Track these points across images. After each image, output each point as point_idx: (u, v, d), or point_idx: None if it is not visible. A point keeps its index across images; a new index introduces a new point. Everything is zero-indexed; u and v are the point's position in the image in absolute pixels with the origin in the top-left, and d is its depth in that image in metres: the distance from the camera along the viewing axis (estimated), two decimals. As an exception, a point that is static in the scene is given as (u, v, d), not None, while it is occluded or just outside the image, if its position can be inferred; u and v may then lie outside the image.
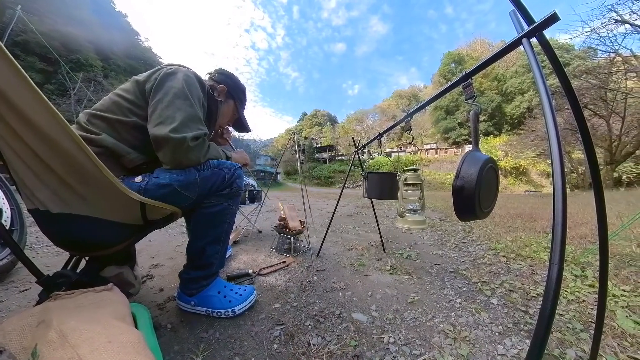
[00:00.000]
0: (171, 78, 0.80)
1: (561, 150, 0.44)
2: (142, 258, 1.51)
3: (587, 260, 1.50)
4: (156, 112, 0.74)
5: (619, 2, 9.07)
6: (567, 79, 0.57)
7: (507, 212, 3.97)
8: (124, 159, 0.76)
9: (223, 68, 1.11)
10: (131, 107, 0.78)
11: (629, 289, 1.12)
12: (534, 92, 28.98)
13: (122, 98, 0.79)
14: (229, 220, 0.93)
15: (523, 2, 0.54)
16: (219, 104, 1.02)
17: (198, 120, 0.79)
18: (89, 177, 0.60)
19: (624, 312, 0.93)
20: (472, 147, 0.78)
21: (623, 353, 0.74)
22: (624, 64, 10.97)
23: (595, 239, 1.01)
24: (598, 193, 0.63)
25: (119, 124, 0.76)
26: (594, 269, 1.36)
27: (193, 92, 0.81)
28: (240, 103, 1.14)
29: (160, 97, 0.76)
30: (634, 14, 9.10)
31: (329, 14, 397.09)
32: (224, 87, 1.05)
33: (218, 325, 0.85)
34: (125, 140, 0.76)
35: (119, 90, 0.82)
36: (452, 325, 0.87)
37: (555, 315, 0.40)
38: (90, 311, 0.53)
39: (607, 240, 0.64)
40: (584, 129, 0.60)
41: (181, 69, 0.84)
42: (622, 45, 10.04)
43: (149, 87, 0.79)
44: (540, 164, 26.35)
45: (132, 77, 0.84)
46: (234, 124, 1.23)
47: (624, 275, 1.27)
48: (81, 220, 0.66)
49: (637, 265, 1.40)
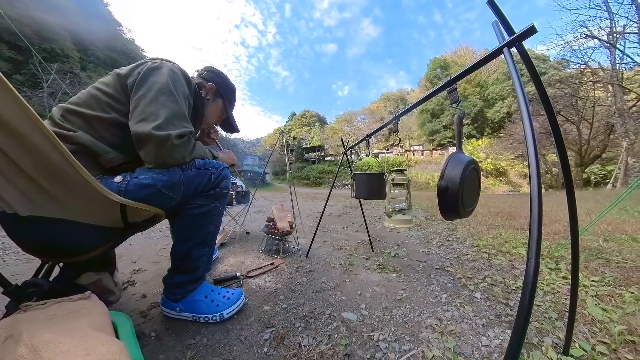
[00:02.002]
0: (155, 73, 0.76)
1: (537, 153, 0.47)
2: (123, 263, 1.44)
3: (561, 254, 1.60)
4: (138, 108, 0.71)
5: (590, 19, 10.25)
6: (543, 87, 0.62)
7: (489, 210, 4.15)
8: (102, 158, 0.71)
9: (212, 66, 1.07)
10: (111, 103, 0.74)
11: (597, 279, 1.21)
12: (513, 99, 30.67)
13: (101, 92, 0.74)
14: (215, 221, 0.91)
15: (505, 14, 0.57)
16: (205, 102, 0.99)
17: (183, 118, 0.76)
18: (63, 177, 0.56)
19: (593, 301, 1.01)
20: (455, 149, 0.82)
21: (593, 338, 0.79)
22: (593, 75, 12.07)
23: (568, 235, 1.09)
24: (570, 192, 0.68)
25: (97, 120, 0.71)
26: (567, 262, 1.45)
27: (178, 88, 0.78)
28: (229, 102, 1.11)
29: (143, 92, 0.72)
30: (602, 30, 10.16)
31: (321, 14, 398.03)
32: (212, 85, 1.02)
33: (206, 331, 0.82)
34: (103, 138, 0.72)
35: (99, 83, 0.77)
36: (438, 320, 0.90)
37: (533, 306, 0.42)
38: (65, 322, 0.50)
39: (577, 235, 0.69)
40: (558, 134, 0.65)
41: (166, 64, 0.81)
42: (591, 58, 11.27)
43: (131, 81, 0.75)
44: (518, 166, 27.96)
45: (114, 70, 0.79)
46: (222, 124, 1.20)
47: (593, 267, 1.37)
48: (54, 223, 0.61)
49: (604, 258, 1.51)
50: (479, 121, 40.77)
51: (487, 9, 0.58)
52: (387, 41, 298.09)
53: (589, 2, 10.14)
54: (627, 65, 10.42)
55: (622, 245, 1.74)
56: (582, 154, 14.92)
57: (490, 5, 0.58)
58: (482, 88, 41.93)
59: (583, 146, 14.75)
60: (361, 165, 32.60)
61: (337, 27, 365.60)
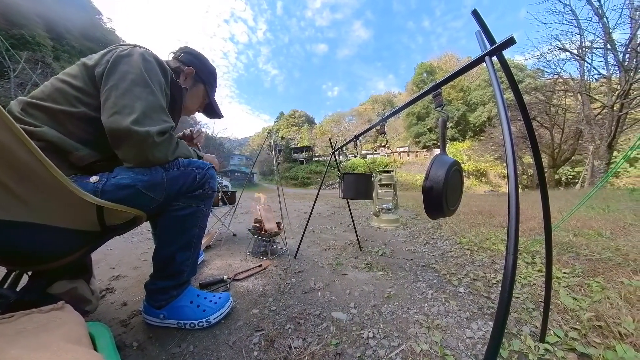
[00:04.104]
0: (126, 61, 0.69)
1: (514, 156, 0.50)
2: (101, 269, 1.36)
3: (536, 249, 1.71)
4: (110, 100, 0.65)
5: (562, 34, 11.43)
6: (520, 94, 0.66)
7: (470, 209, 4.34)
8: (72, 156, 0.65)
9: (189, 46, 0.96)
10: (79, 96, 0.67)
11: (568, 271, 1.31)
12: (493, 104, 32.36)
13: (67, 84, 0.67)
14: (200, 223, 0.87)
15: (488, 24, 0.61)
16: (184, 91, 0.91)
17: (162, 111, 0.71)
18: (31, 177, 0.51)
19: (565, 291, 1.09)
20: (440, 151, 0.85)
21: (566, 325, 0.86)
22: (564, 84, 13.20)
23: (542, 231, 1.16)
24: (543, 192, 0.73)
25: (64, 115, 0.65)
26: (542, 257, 1.55)
27: (153, 77, 0.72)
28: (211, 87, 1.03)
29: (114, 82, 0.66)
30: (573, 44, 11.32)
31: (313, 14, 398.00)
32: (191, 69, 0.93)
33: (192, 338, 0.79)
34: (72, 134, 0.66)
35: (64, 75, 0.70)
36: (425, 315, 0.93)
37: (512, 299, 0.45)
38: (36, 336, 0.46)
39: (551, 231, 0.74)
40: (533, 138, 0.70)
41: (137, 50, 0.74)
42: (563, 69, 12.35)
43: (99, 71, 0.68)
44: (497, 167, 29.67)
45: (80, 60, 0.72)
46: (204, 110, 1.11)
47: (564, 260, 1.47)
48: (21, 227, 0.56)
49: (574, 251, 1.63)
50: (462, 125, 42.70)
51: (472, 19, 0.62)
52: (377, 44, 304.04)
53: (562, 18, 11.23)
54: (593, 77, 11.51)
55: (589, 240, 1.88)
56: (555, 157, 16.24)
57: (474, 16, 0.61)
58: (465, 93, 43.98)
59: (555, 149, 16.04)
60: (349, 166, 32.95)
61: (328, 28, 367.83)
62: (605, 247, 1.67)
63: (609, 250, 1.60)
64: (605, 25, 10.25)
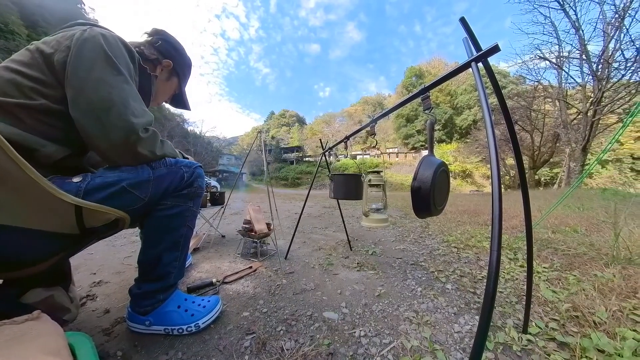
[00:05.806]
0: (91, 46, 0.62)
1: (498, 157, 0.52)
2: (81, 275, 1.29)
3: (518, 246, 1.79)
4: (82, 94, 0.59)
5: (543, 43, 12.30)
6: (504, 99, 0.69)
7: (457, 208, 4.48)
8: (38, 154, 0.59)
9: (165, 31, 0.87)
10: (36, 87, 0.60)
11: (548, 266, 1.39)
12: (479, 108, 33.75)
13: (20, 75, 0.59)
14: (188, 223, 0.84)
15: (475, 32, 0.63)
16: (153, 79, 0.84)
17: (139, 100, 0.66)
18: (2, 177, 0.47)
19: (545, 285, 1.15)
20: (428, 152, 0.87)
21: (546, 316, 0.90)
22: (544, 91, 14.10)
23: (524, 229, 1.22)
24: (524, 192, 0.77)
25: (21, 108, 0.58)
26: (523, 253, 1.63)
27: (122, 62, 0.65)
28: (184, 78, 0.98)
29: (84, 74, 0.59)
30: (552, 53, 12.14)
31: (306, 14, 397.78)
32: (169, 62, 0.87)
33: (180, 344, 0.77)
34: (34, 129, 0.59)
35: (13, 63, 0.60)
36: (415, 312, 0.95)
37: (497, 293, 0.47)
38: (8, 349, 0.43)
39: (531, 229, 0.78)
40: (515, 141, 0.74)
41: (97, 30, 0.66)
42: (543, 77, 13.19)
43: (60, 58, 0.60)
44: (482, 168, 30.96)
45: (33, 45, 0.63)
46: (172, 100, 1.04)
47: (544, 256, 1.55)
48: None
49: (553, 247, 1.72)
50: (449, 127, 44.18)
51: (461, 26, 0.64)
52: (369, 46, 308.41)
53: (543, 29, 12.03)
54: (570, 85, 12.45)
55: (566, 236, 2.00)
56: (535, 159, 17.34)
57: (462, 23, 0.64)
58: (452, 97, 45.53)
59: (535, 152, 17.11)
60: (339, 167, 33.12)
61: (322, 28, 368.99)
62: (581, 242, 1.77)
63: (584, 245, 1.70)
64: (581, 37, 11.03)
